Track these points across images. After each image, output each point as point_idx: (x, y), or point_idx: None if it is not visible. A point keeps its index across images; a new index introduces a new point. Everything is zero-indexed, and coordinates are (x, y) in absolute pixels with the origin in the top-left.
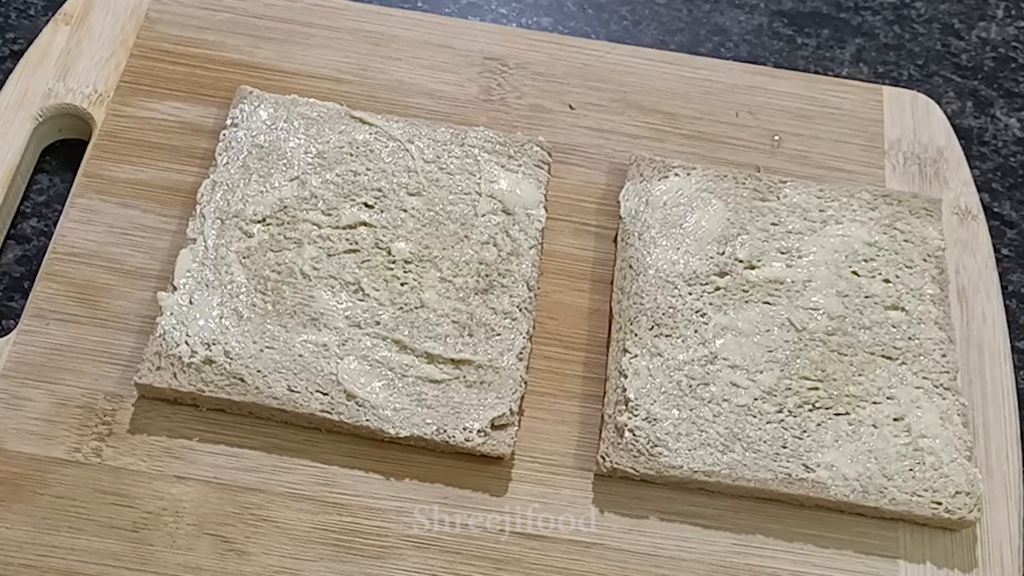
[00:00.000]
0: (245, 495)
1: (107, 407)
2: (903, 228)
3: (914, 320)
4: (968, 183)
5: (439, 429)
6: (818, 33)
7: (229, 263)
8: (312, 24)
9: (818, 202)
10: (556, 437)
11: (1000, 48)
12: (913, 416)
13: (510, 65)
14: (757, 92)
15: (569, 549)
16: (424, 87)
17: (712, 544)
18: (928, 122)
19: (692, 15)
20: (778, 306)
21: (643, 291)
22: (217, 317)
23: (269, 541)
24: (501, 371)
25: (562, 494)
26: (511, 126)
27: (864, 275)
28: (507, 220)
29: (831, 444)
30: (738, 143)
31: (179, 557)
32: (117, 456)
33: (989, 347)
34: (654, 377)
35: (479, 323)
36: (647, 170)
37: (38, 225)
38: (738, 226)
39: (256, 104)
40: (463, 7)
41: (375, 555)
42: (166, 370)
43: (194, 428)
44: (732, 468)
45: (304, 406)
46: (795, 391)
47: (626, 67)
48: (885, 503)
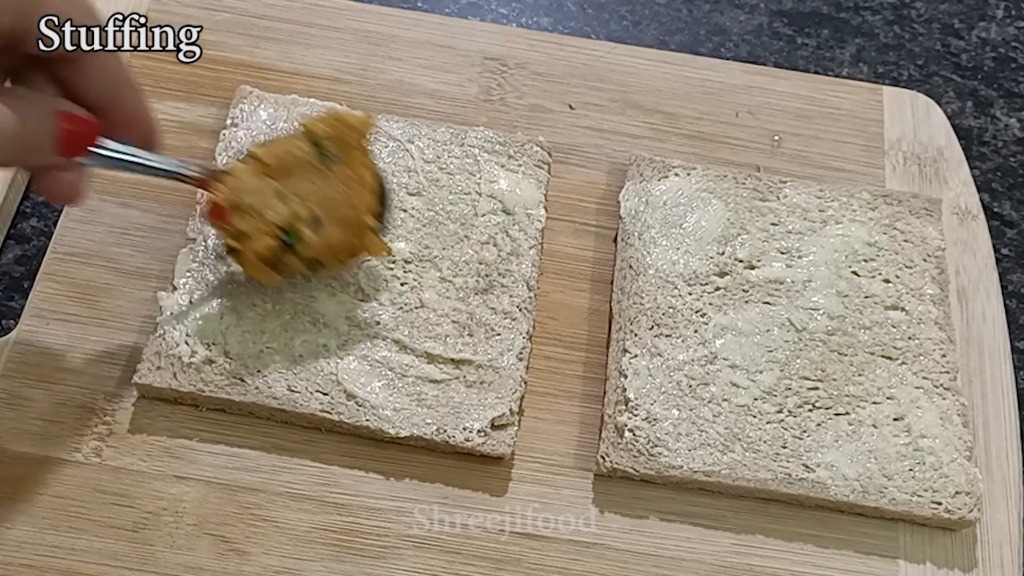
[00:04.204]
0: (245, 495)
1: (107, 407)
2: (903, 228)
3: (914, 320)
4: (968, 183)
5: (439, 429)
6: (818, 33)
7: (229, 263)
8: (312, 24)
9: (818, 202)
10: (556, 437)
11: (1000, 48)
12: (913, 416)
13: (510, 65)
14: (757, 92)
15: (569, 549)
16: (424, 87)
17: (712, 544)
18: (928, 122)
19: (692, 15)
20: (778, 306)
21: (643, 291)
22: (217, 317)
23: (269, 541)
24: (501, 371)
25: (562, 494)
26: (511, 126)
27: (864, 275)
28: (507, 220)
29: (831, 444)
30: (738, 143)
31: (179, 557)
32: (117, 456)
33: (989, 347)
34: (654, 377)
35: (479, 323)
36: (647, 170)
37: (38, 225)
38: (738, 226)
39: (256, 104)
40: (463, 7)
41: (375, 555)
42: (166, 370)
43: (194, 428)
44: (732, 468)
45: (304, 406)
46: (795, 391)
47: (626, 67)
48: (885, 503)
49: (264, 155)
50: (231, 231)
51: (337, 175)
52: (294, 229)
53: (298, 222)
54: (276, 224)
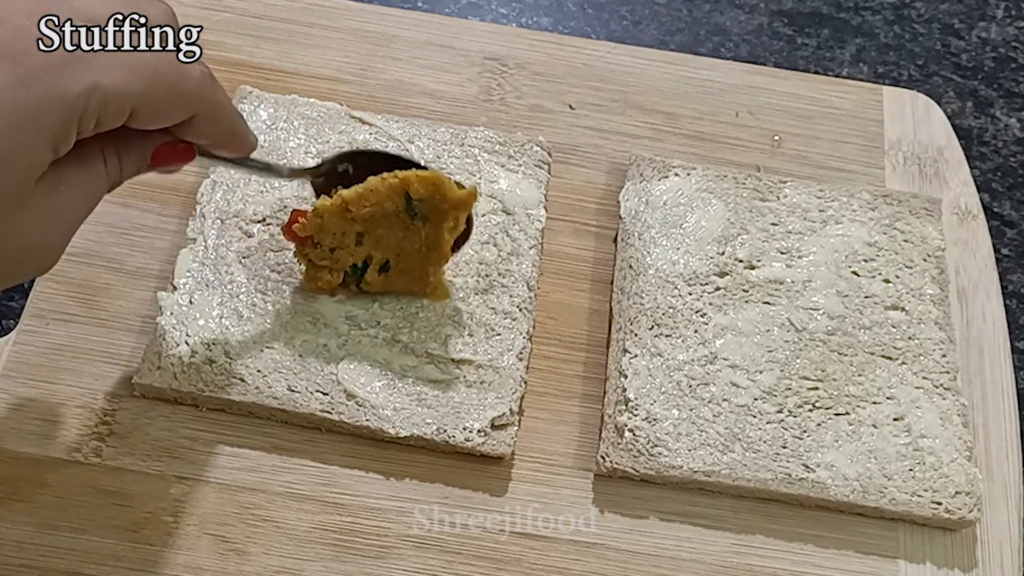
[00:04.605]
0: (245, 495)
1: (107, 407)
2: (903, 228)
3: (914, 320)
4: (968, 183)
5: (439, 429)
6: (818, 33)
7: (229, 263)
8: (312, 24)
9: (818, 202)
10: (556, 437)
11: (1000, 48)
12: (913, 416)
13: (510, 65)
14: (757, 92)
15: (569, 549)
16: (424, 87)
17: (712, 544)
18: (928, 122)
19: (692, 15)
20: (778, 306)
21: (643, 291)
22: (217, 317)
23: (269, 541)
24: (501, 371)
25: (562, 494)
26: (511, 126)
27: (864, 275)
28: (507, 220)
29: (831, 444)
30: (738, 143)
31: (179, 557)
32: (117, 456)
33: (989, 347)
34: (654, 377)
35: (479, 323)
36: (647, 170)
37: None
38: (738, 226)
39: (256, 104)
40: (463, 7)
41: (375, 555)
42: (166, 370)
43: (194, 428)
44: (732, 468)
45: (304, 406)
46: (795, 391)
47: (626, 67)
48: (885, 503)
49: (352, 201)
50: (304, 254)
51: (419, 232)
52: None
53: (369, 259)
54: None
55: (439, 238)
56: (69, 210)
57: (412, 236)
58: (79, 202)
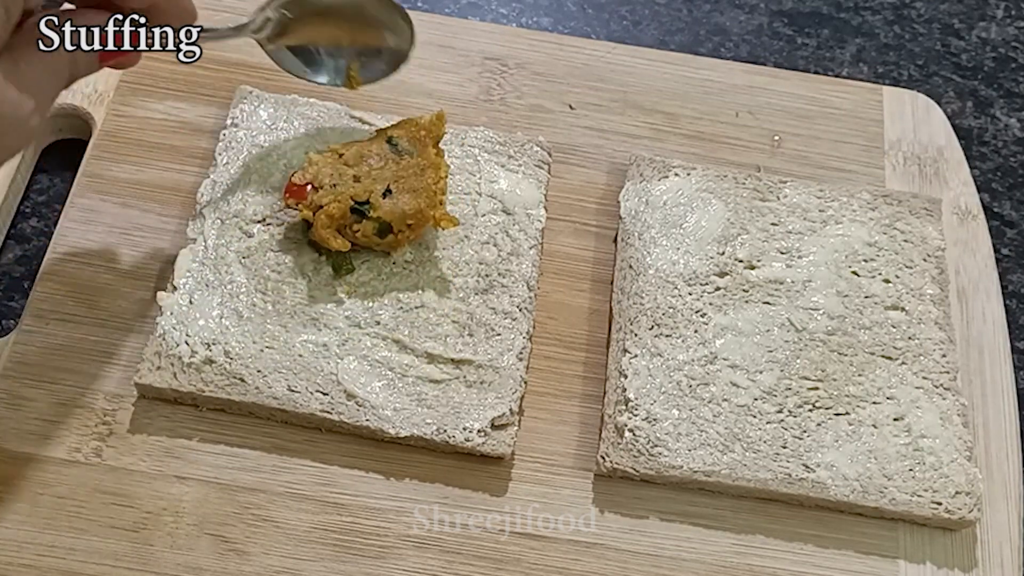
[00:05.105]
0: (245, 495)
1: (107, 407)
2: (903, 228)
3: (914, 320)
4: (968, 183)
5: (439, 429)
6: (818, 33)
7: (229, 263)
8: None
9: (818, 202)
10: (556, 437)
11: (1000, 48)
12: (913, 416)
13: (510, 65)
14: (757, 92)
15: (569, 549)
16: (424, 87)
17: (712, 544)
18: (928, 122)
19: (692, 15)
20: (778, 306)
21: (643, 291)
22: (217, 317)
23: (269, 541)
24: (501, 371)
25: (562, 494)
26: (511, 126)
27: (864, 275)
28: (507, 220)
29: (831, 444)
30: (738, 143)
31: (179, 557)
32: (117, 456)
33: (989, 347)
34: (654, 377)
35: (479, 323)
36: (647, 170)
37: (38, 225)
38: (738, 226)
39: (256, 104)
40: (463, 7)
41: (375, 555)
42: (166, 370)
43: (194, 428)
44: (732, 468)
45: (304, 406)
46: (795, 391)
47: (626, 67)
48: (885, 503)
49: (341, 148)
50: (308, 206)
51: (410, 161)
52: (366, 198)
53: (371, 194)
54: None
55: (429, 158)
56: (32, 85)
57: (404, 165)
58: (42, 77)
